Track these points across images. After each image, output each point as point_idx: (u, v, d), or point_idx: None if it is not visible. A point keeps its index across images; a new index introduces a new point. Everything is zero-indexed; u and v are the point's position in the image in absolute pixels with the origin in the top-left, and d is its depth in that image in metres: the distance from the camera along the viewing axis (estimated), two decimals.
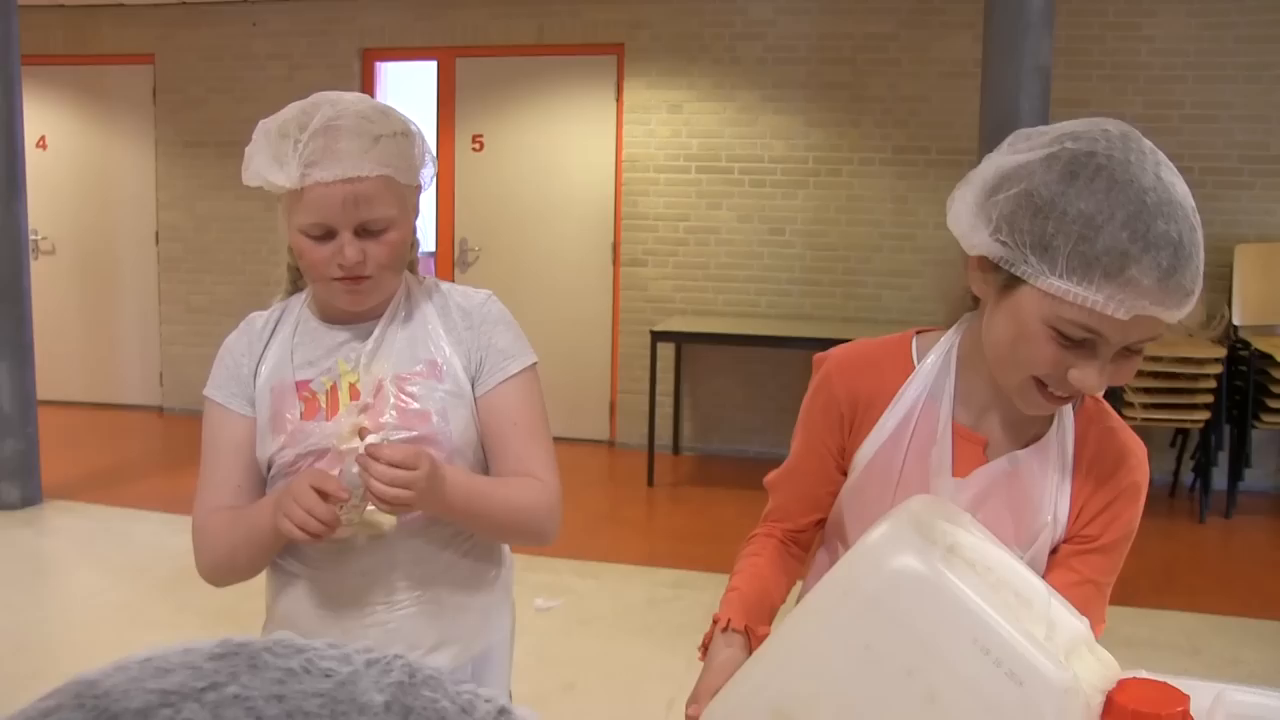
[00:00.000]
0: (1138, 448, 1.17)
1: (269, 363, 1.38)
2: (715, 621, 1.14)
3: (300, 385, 1.35)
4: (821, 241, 5.67)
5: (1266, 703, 1.00)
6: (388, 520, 1.28)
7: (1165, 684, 0.89)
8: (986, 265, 1.04)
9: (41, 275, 6.04)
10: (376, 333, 1.36)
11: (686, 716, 1.06)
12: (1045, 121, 3.88)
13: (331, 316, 1.39)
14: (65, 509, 4.63)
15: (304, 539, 1.21)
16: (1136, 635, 3.39)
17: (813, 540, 1.32)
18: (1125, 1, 5.22)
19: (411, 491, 1.19)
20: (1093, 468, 1.15)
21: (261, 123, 1.30)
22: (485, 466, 1.42)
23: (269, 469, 1.36)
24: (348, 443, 1.31)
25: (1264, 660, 3.34)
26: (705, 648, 1.13)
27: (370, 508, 1.25)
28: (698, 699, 1.06)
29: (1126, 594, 1.18)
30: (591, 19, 5.81)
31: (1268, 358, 4.63)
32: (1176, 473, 5.10)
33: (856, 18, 5.52)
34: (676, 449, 5.90)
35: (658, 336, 5.23)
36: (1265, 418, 4.69)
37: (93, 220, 6.64)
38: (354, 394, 1.34)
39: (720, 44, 5.69)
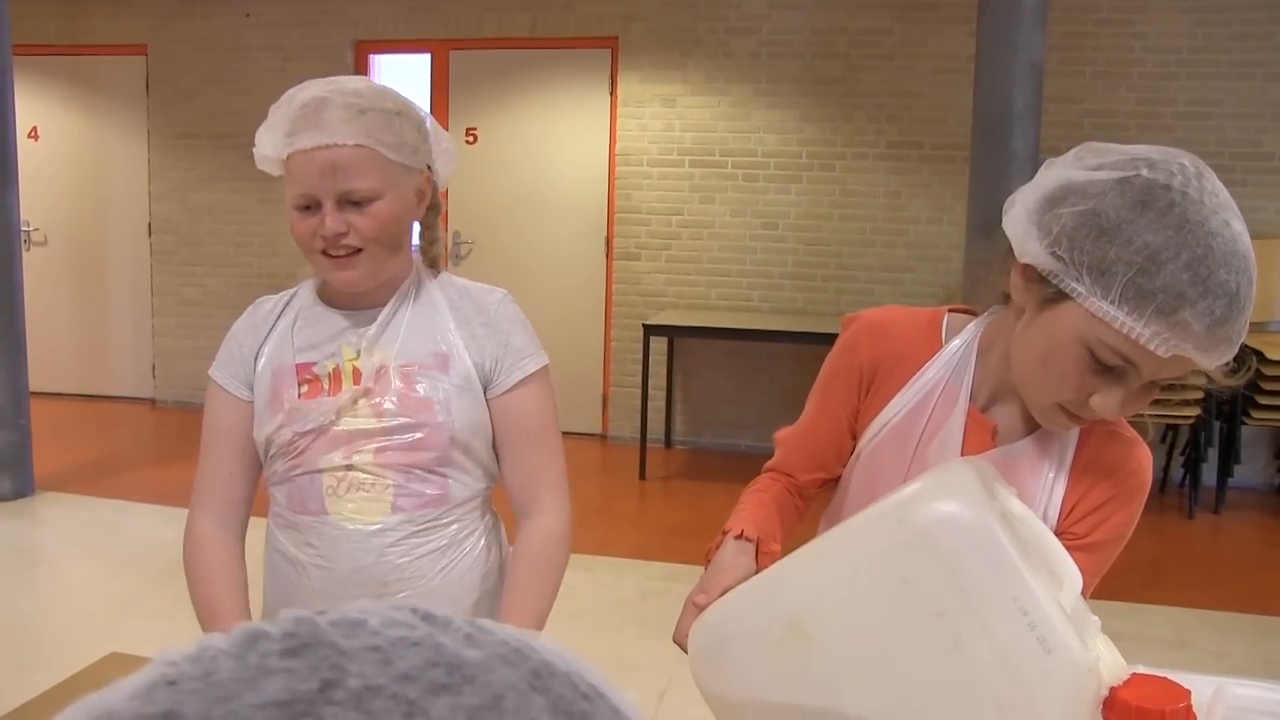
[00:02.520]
0: (1139, 453, 1.15)
1: (270, 345, 1.38)
2: (725, 531, 1.14)
3: (301, 368, 1.35)
4: (814, 236, 5.68)
5: (1266, 695, 1.01)
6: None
7: (1166, 679, 0.90)
8: (1032, 275, 1.02)
9: (34, 266, 6.02)
10: (381, 317, 1.36)
11: (691, 603, 1.05)
12: (1038, 118, 3.91)
13: (336, 300, 1.39)
14: (57, 500, 4.62)
15: None
16: (1125, 629, 3.41)
17: (813, 498, 1.32)
18: None
19: None
20: (1090, 467, 1.14)
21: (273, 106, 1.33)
22: (494, 457, 1.42)
23: (268, 450, 1.36)
24: (345, 420, 1.32)
25: (1250, 654, 3.37)
26: (709, 560, 1.13)
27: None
28: (706, 590, 1.05)
29: (1115, 588, 1.19)
30: (585, 12, 5.80)
31: (1257, 354, 4.66)
32: (1166, 468, 5.13)
33: (850, 12, 5.52)
34: (668, 442, 5.91)
35: (650, 330, 5.23)
36: (1255, 414, 4.72)
37: (85, 212, 6.62)
38: (356, 376, 1.34)
39: (714, 38, 5.69)
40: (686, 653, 1.05)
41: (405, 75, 6.53)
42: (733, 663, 0.99)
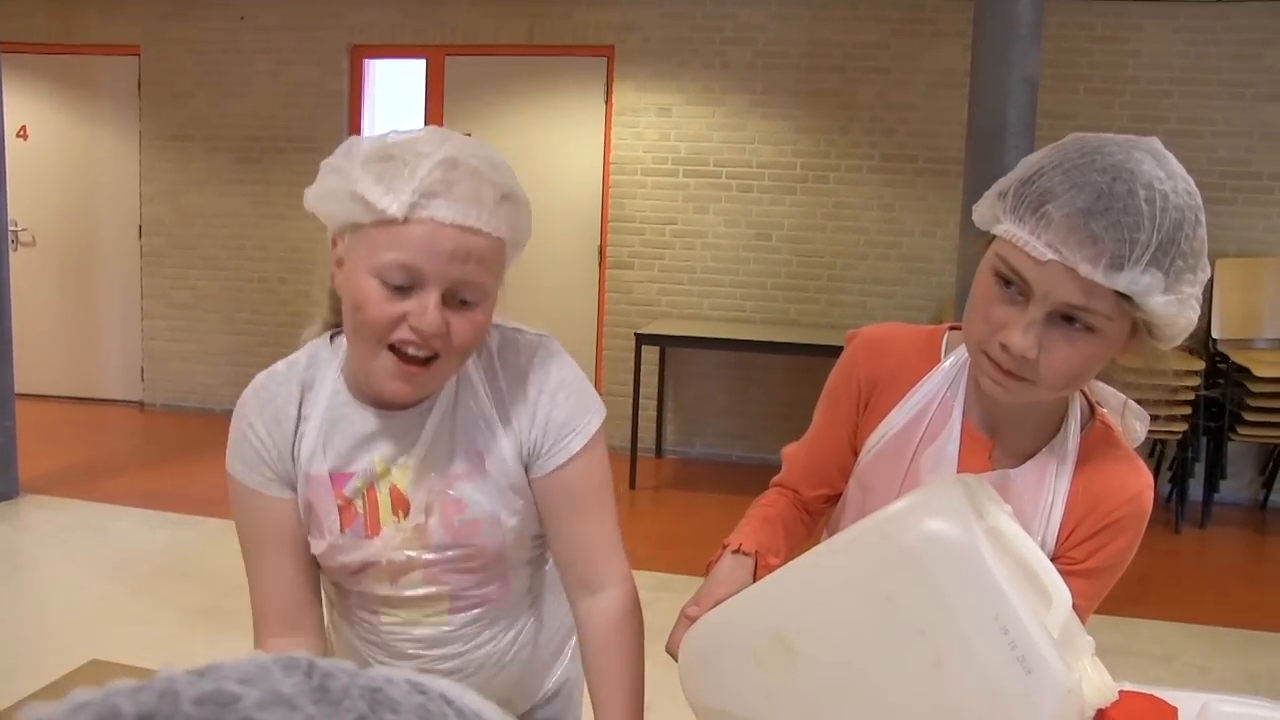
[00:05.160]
0: (1137, 480, 1.13)
1: (307, 440, 1.16)
2: (725, 545, 1.15)
3: (336, 479, 1.17)
4: (807, 248, 5.69)
5: (1251, 711, 1.01)
6: None
7: (1153, 696, 0.90)
8: (989, 238, 1.05)
9: (21, 267, 5.99)
10: (426, 434, 1.16)
11: (684, 615, 1.06)
12: (1032, 133, 3.92)
13: (365, 395, 1.16)
14: (43, 503, 4.59)
15: None
16: (1110, 643, 3.40)
17: (820, 514, 1.31)
18: (1113, 15, 5.26)
19: None
20: (1089, 492, 1.12)
21: (351, 139, 1.09)
22: (543, 540, 1.31)
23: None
24: (399, 554, 1.20)
25: (1233, 668, 3.38)
26: (709, 570, 1.14)
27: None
28: (699, 603, 1.06)
29: (1102, 603, 1.19)
30: (582, 20, 5.81)
31: (1244, 370, 4.68)
32: (1154, 483, 5.15)
33: (847, 25, 5.54)
34: (659, 452, 5.90)
35: (642, 339, 5.23)
36: (1241, 430, 4.73)
37: (74, 212, 6.59)
38: (395, 496, 1.17)
39: (710, 48, 5.70)
40: (678, 663, 1.05)
41: (400, 80, 6.52)
42: (720, 675, 0.99)
